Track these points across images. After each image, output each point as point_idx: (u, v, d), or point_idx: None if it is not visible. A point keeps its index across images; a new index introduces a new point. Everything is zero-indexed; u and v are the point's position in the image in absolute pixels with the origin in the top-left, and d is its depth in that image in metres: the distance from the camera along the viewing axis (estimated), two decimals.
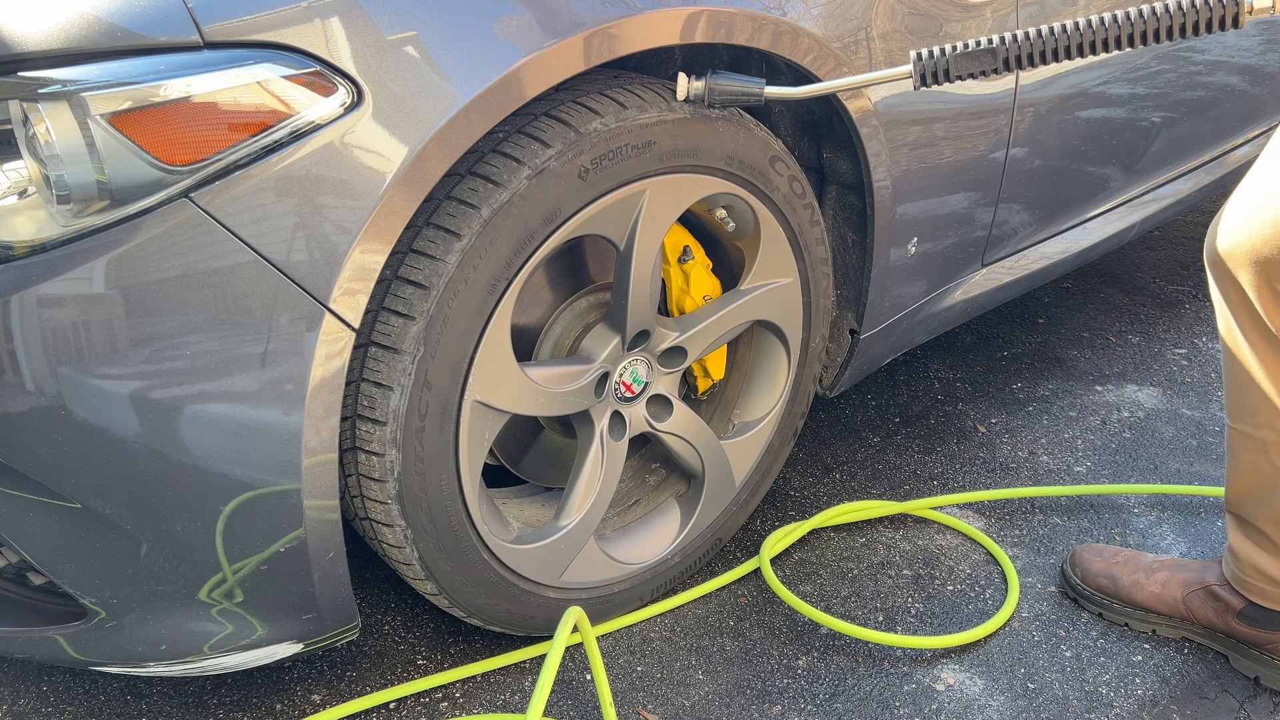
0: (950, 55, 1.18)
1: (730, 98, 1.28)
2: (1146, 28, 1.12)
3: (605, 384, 1.43)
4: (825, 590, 1.66)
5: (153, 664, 1.21)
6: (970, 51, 1.17)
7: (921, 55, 1.19)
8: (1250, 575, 1.45)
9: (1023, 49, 1.15)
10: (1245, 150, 2.55)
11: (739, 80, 1.28)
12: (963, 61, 1.18)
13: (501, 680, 1.48)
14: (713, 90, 1.27)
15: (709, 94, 1.27)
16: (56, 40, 0.95)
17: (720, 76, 1.28)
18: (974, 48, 1.17)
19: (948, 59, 1.18)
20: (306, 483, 1.12)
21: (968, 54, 1.17)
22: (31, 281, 0.98)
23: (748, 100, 1.28)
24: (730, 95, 1.28)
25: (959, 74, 1.18)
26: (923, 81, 1.20)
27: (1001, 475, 1.96)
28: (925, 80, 1.20)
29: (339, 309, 1.07)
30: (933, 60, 1.19)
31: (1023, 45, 1.15)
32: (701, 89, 1.27)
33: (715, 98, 1.27)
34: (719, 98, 1.27)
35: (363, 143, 1.04)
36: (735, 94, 1.28)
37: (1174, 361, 2.39)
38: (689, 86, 1.28)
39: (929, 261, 1.73)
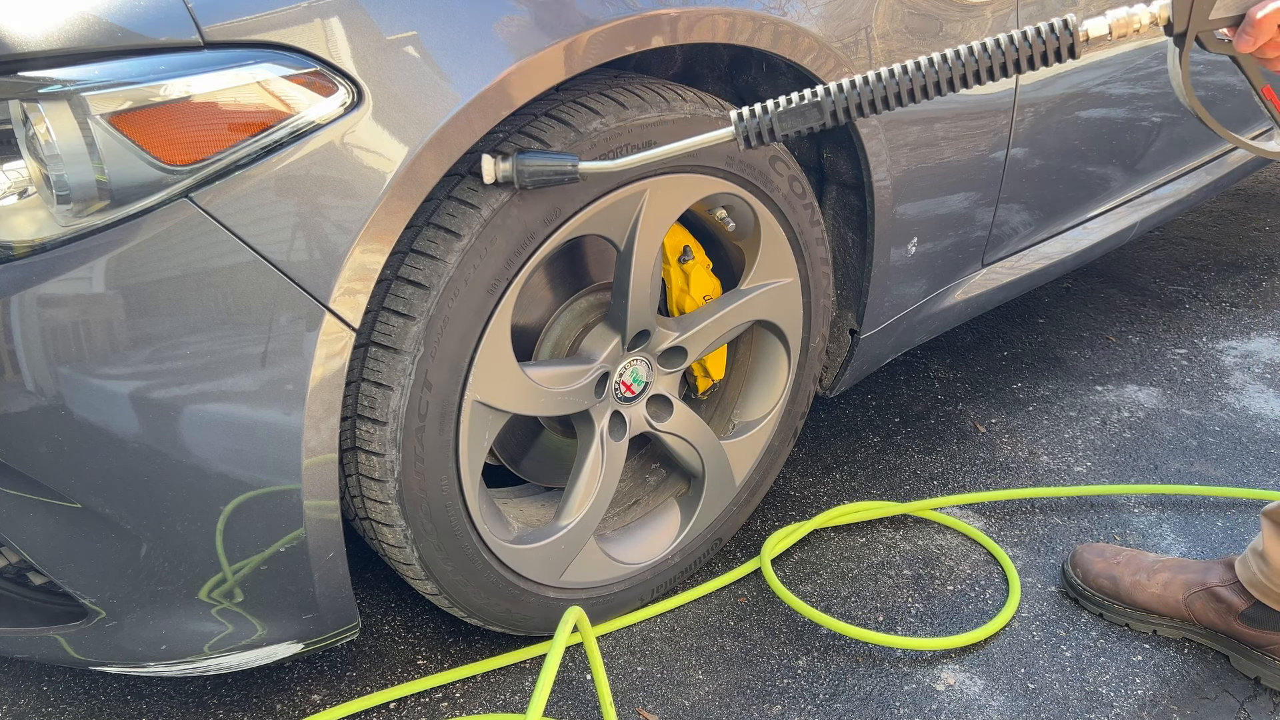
0: (774, 113, 1.12)
1: (541, 178, 1.18)
2: (979, 66, 1.07)
3: (605, 384, 1.43)
4: (825, 590, 1.66)
5: (153, 664, 1.21)
6: (795, 107, 1.11)
7: (743, 115, 1.13)
8: (1278, 583, 1.44)
9: (850, 99, 1.10)
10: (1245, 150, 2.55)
11: (549, 159, 1.18)
12: (787, 119, 1.12)
13: (501, 680, 1.48)
14: (521, 172, 1.17)
15: (517, 176, 1.17)
16: (56, 40, 0.95)
17: (528, 157, 1.18)
18: (798, 103, 1.11)
19: (770, 118, 1.12)
20: (306, 483, 1.12)
21: (792, 110, 1.12)
22: (31, 281, 0.98)
23: (560, 179, 1.18)
24: (540, 175, 1.17)
25: (784, 132, 1.13)
26: (746, 143, 1.14)
27: (1001, 475, 1.96)
28: (749, 142, 1.14)
29: (339, 309, 1.07)
30: (755, 120, 1.13)
31: (849, 95, 1.10)
32: (509, 170, 1.17)
33: (525, 179, 1.17)
34: (529, 179, 1.17)
35: (363, 143, 1.04)
36: (546, 173, 1.17)
37: (1174, 361, 2.39)
38: (496, 169, 1.18)
39: (929, 261, 1.73)
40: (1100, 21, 1.06)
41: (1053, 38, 1.06)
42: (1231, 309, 2.66)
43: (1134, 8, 1.06)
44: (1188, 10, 1.04)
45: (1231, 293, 2.75)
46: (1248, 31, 1.03)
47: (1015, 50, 1.07)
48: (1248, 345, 2.47)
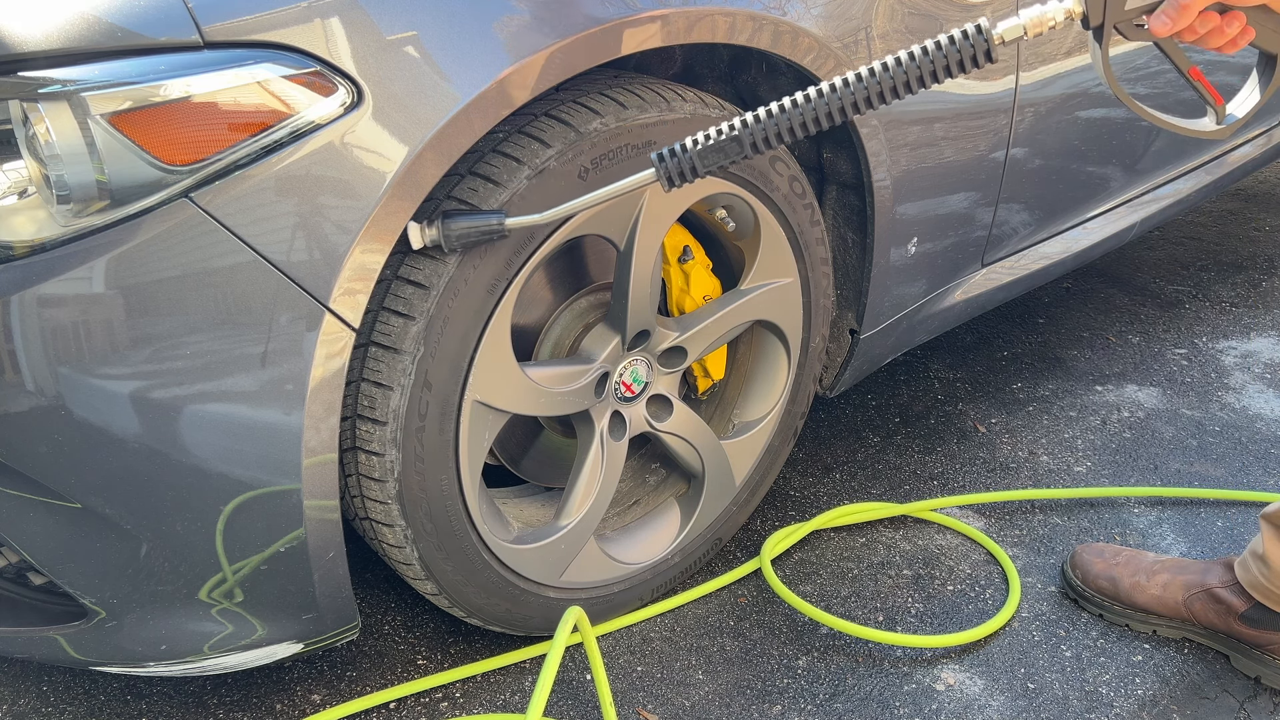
0: (694, 151, 1.11)
1: (469, 239, 1.16)
2: (896, 80, 1.06)
3: (605, 384, 1.43)
4: (825, 590, 1.66)
5: (153, 664, 1.21)
6: (714, 144, 1.11)
7: (663, 156, 1.13)
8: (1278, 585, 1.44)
9: (769, 129, 1.10)
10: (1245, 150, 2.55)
11: (475, 219, 1.16)
12: (708, 156, 1.11)
13: (501, 680, 1.48)
14: (448, 235, 1.15)
15: (445, 240, 1.15)
16: (56, 40, 0.95)
17: (454, 219, 1.16)
18: (716, 138, 1.11)
19: (691, 156, 1.12)
20: (306, 483, 1.12)
21: (711, 147, 1.11)
22: (31, 281, 0.98)
23: (489, 237, 1.17)
24: (468, 236, 1.16)
25: (707, 169, 1.12)
26: (669, 184, 1.13)
27: (1001, 475, 1.96)
28: (672, 182, 1.13)
29: (339, 309, 1.07)
30: (675, 160, 1.12)
31: (766, 125, 1.09)
32: (436, 235, 1.15)
33: (454, 242, 1.16)
34: (458, 241, 1.16)
35: (363, 143, 1.04)
36: (473, 234, 1.16)
37: (1174, 361, 2.39)
38: (423, 234, 1.16)
39: (929, 261, 1.73)
40: (1015, 22, 1.05)
41: (967, 44, 1.05)
42: (1231, 309, 2.66)
43: (1047, 5, 1.05)
44: (1102, 3, 1.04)
45: (1231, 293, 2.75)
46: (1167, 14, 1.03)
47: (931, 61, 1.06)
48: (1248, 345, 2.47)
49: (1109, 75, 1.08)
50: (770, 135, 1.10)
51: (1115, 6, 1.04)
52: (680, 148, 1.12)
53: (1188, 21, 1.03)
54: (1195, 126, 1.13)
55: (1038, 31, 1.05)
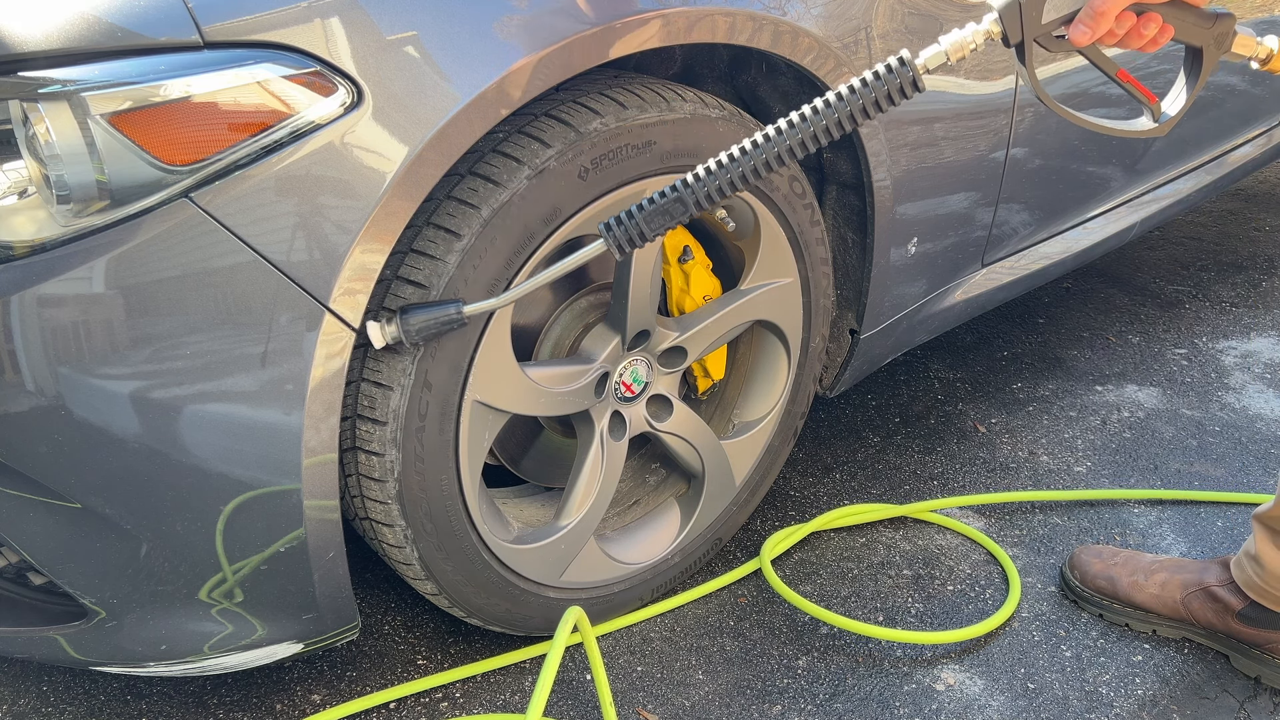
0: (639, 216, 1.13)
1: (430, 331, 1.17)
2: (828, 121, 1.07)
3: (605, 384, 1.43)
4: (825, 590, 1.66)
5: (153, 664, 1.21)
6: (659, 206, 1.12)
7: (610, 225, 1.14)
8: (1273, 585, 1.44)
9: (708, 186, 1.11)
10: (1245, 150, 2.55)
11: (433, 310, 1.16)
12: (654, 219, 1.12)
13: (501, 680, 1.48)
14: (408, 331, 1.16)
15: (406, 335, 1.16)
16: (56, 40, 0.95)
17: (411, 313, 1.16)
18: (660, 201, 1.12)
19: (638, 221, 1.13)
20: (306, 483, 1.12)
21: (656, 209, 1.12)
22: (31, 281, 0.98)
23: (449, 327, 1.18)
24: (428, 329, 1.17)
25: (655, 232, 1.13)
26: (620, 251, 1.15)
27: (1001, 475, 1.96)
28: (623, 249, 1.14)
29: (339, 309, 1.07)
30: (623, 227, 1.13)
31: (707, 181, 1.11)
32: (396, 332, 1.16)
33: (415, 337, 1.16)
34: (418, 335, 1.16)
35: (363, 143, 1.04)
36: (433, 325, 1.17)
37: (1174, 361, 2.39)
38: (383, 332, 1.16)
39: (929, 261, 1.73)
40: (936, 49, 1.07)
41: (892, 77, 1.06)
42: (1231, 309, 2.66)
43: (965, 29, 1.07)
44: (1018, 21, 1.05)
45: (1231, 293, 2.75)
46: (1085, 23, 1.03)
47: (859, 97, 1.07)
48: (1248, 345, 2.47)
49: (1038, 88, 1.10)
50: (711, 192, 1.11)
51: (1032, 22, 1.05)
52: (627, 215, 1.13)
53: (1106, 27, 1.04)
54: (1132, 127, 1.14)
55: (960, 56, 1.07)
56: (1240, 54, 1.10)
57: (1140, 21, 1.05)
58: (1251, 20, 2.24)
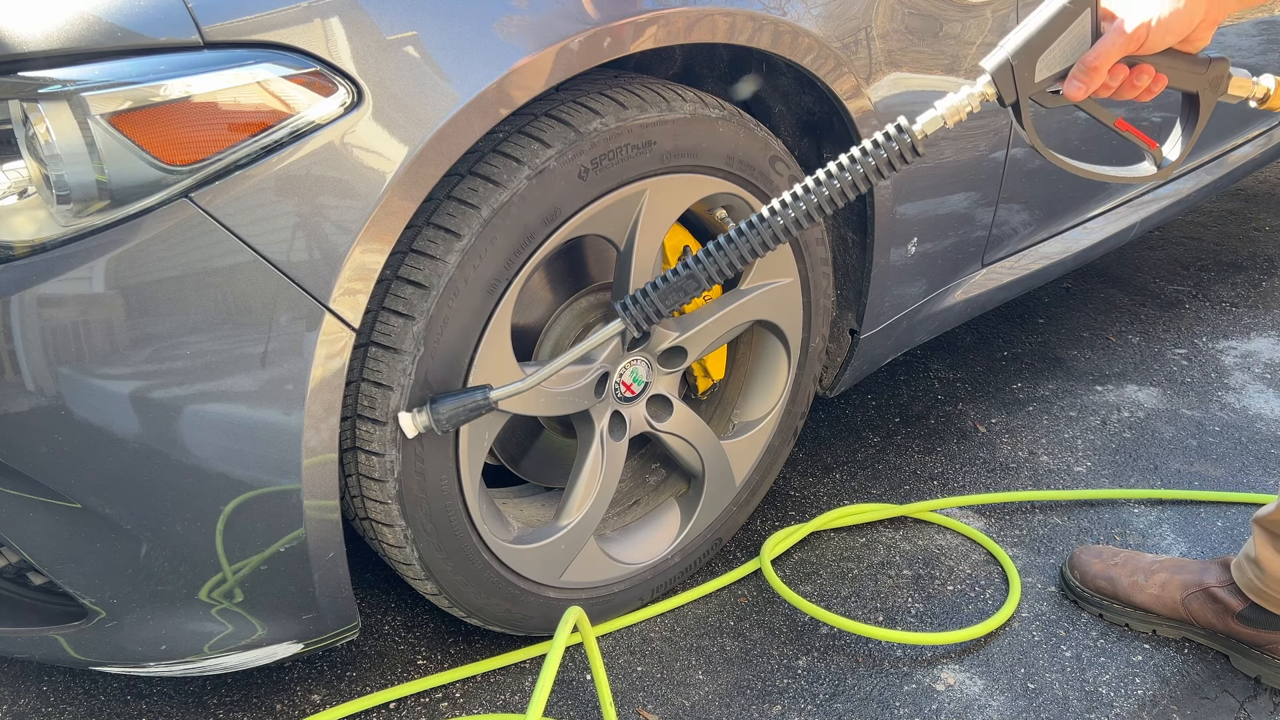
0: (654, 295, 1.16)
1: (460, 417, 1.20)
2: (831, 191, 1.09)
3: (605, 384, 1.43)
4: (825, 590, 1.66)
5: (153, 664, 1.21)
6: (672, 283, 1.15)
7: (626, 305, 1.17)
8: (1273, 588, 1.44)
9: (718, 261, 1.13)
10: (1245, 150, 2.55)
11: (461, 398, 1.20)
12: (669, 296, 1.16)
13: (501, 680, 1.48)
14: (438, 420, 1.19)
15: (436, 424, 1.19)
16: (56, 40, 0.95)
17: (441, 402, 1.19)
18: (673, 279, 1.15)
19: (653, 299, 1.16)
20: (306, 483, 1.12)
21: (670, 287, 1.15)
22: (31, 281, 0.98)
23: (478, 413, 1.21)
24: (458, 416, 1.20)
25: (671, 308, 1.16)
26: (638, 329, 1.18)
27: (1001, 475, 1.96)
28: (640, 327, 1.18)
29: (339, 309, 1.07)
30: (639, 306, 1.17)
31: (717, 257, 1.13)
32: (427, 421, 1.19)
33: (445, 425, 1.20)
34: (448, 423, 1.20)
35: (363, 143, 1.04)
36: (463, 412, 1.20)
37: (1174, 361, 2.39)
38: (414, 422, 1.20)
39: (929, 261, 1.73)
40: (933, 114, 1.08)
41: (891, 144, 1.08)
42: (1231, 309, 2.66)
43: (959, 93, 1.08)
44: (1012, 83, 1.06)
45: (1231, 293, 2.75)
46: (1079, 78, 1.05)
47: (860, 167, 1.09)
48: (1248, 345, 2.47)
49: (1037, 144, 1.12)
50: (723, 265, 1.14)
51: (1025, 82, 1.07)
52: (641, 294, 1.17)
53: (1099, 82, 1.06)
54: (1135, 173, 1.17)
55: (957, 119, 1.08)
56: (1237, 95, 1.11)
57: (1133, 73, 1.06)
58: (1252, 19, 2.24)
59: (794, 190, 1.11)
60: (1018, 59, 1.05)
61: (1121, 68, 1.06)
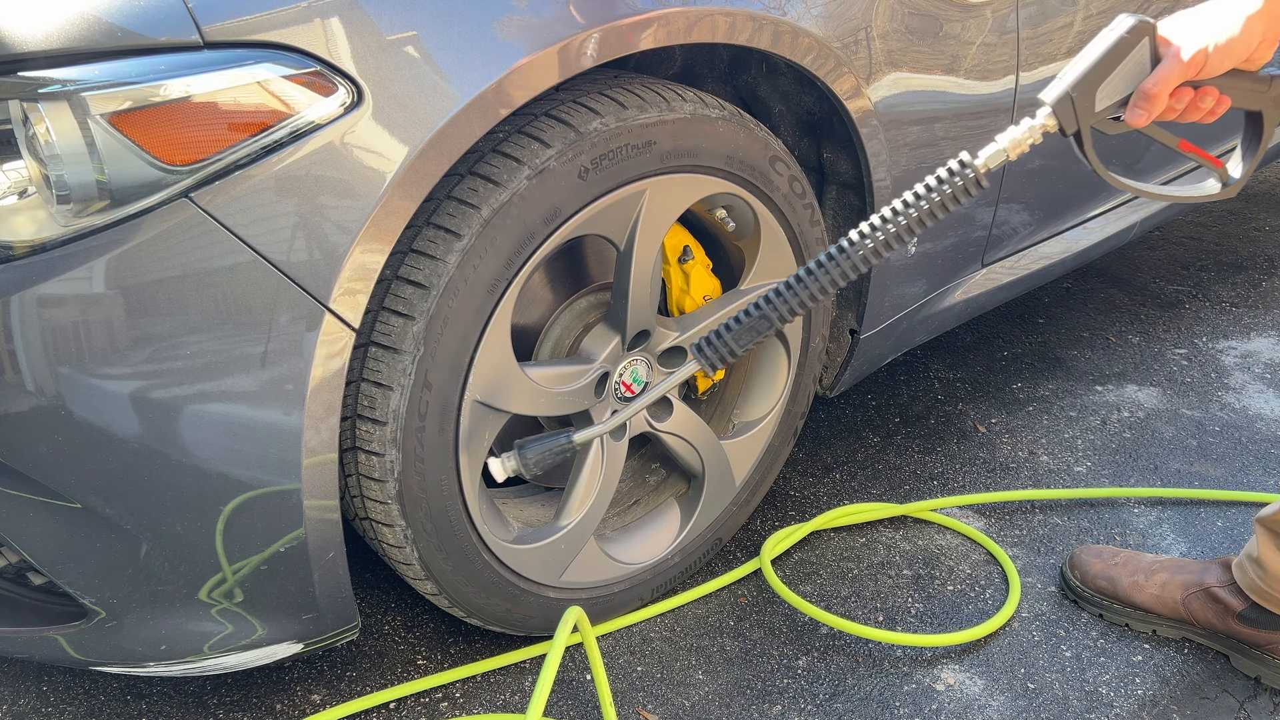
0: (728, 336, 1.17)
1: (547, 461, 1.28)
2: (898, 228, 1.10)
3: (605, 384, 1.43)
4: (825, 590, 1.66)
5: (153, 664, 1.21)
6: (745, 325, 1.17)
7: (702, 347, 1.19)
8: (1276, 589, 1.44)
9: (790, 300, 1.14)
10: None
11: (548, 442, 1.28)
12: (743, 336, 1.17)
13: (501, 680, 1.48)
14: (526, 465, 1.28)
15: (525, 468, 1.28)
16: (56, 40, 0.95)
17: (528, 448, 1.28)
18: (746, 320, 1.16)
19: (727, 340, 1.18)
20: (306, 483, 1.12)
21: (743, 328, 1.17)
22: (31, 281, 0.98)
23: (564, 456, 1.29)
24: (545, 460, 1.28)
25: (745, 347, 1.17)
26: (712, 368, 1.19)
27: (1001, 475, 1.96)
28: (714, 367, 1.19)
29: (339, 309, 1.07)
30: (713, 348, 1.18)
31: (789, 297, 1.14)
32: (515, 465, 1.28)
33: (533, 469, 1.28)
34: (535, 467, 1.28)
35: (363, 143, 1.04)
36: (550, 456, 1.28)
37: (1174, 361, 2.39)
38: (504, 468, 1.28)
39: (929, 261, 1.73)
40: (996, 148, 1.08)
41: (955, 179, 1.08)
42: (1231, 309, 2.66)
43: (1020, 125, 1.09)
44: (1073, 113, 1.07)
45: (1231, 293, 2.75)
46: (1140, 106, 1.05)
47: (925, 203, 1.09)
48: (1248, 345, 2.47)
49: (1099, 169, 1.12)
50: (794, 305, 1.15)
51: (1086, 112, 1.07)
52: (715, 335, 1.19)
53: (1160, 108, 1.06)
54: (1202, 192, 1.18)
55: (1020, 152, 1.09)
56: None
57: (1197, 95, 1.06)
58: None
59: (860, 229, 1.11)
60: (1077, 90, 1.05)
61: (1185, 91, 1.06)
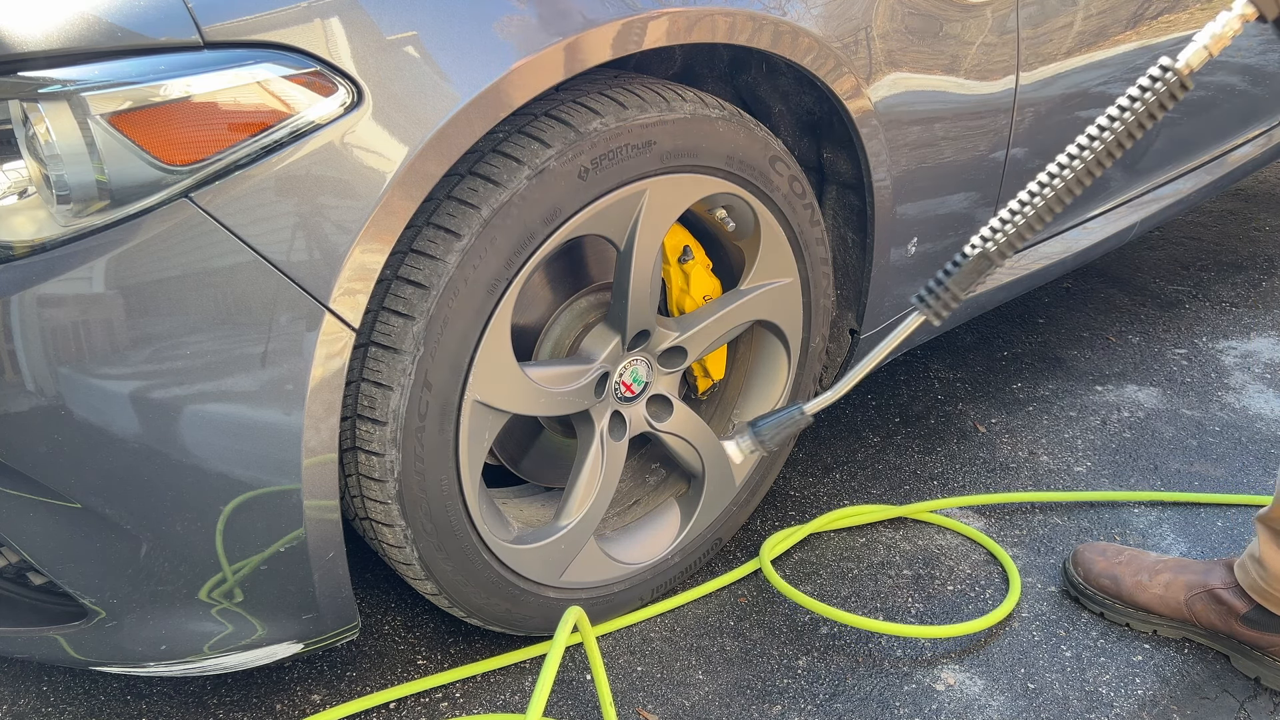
0: (948, 281, 1.17)
1: (781, 436, 1.33)
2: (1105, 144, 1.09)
3: (605, 384, 1.43)
4: (825, 590, 1.66)
5: (153, 664, 1.21)
6: (965, 267, 1.16)
7: (924, 297, 1.19)
8: (1277, 588, 1.44)
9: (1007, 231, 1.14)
10: (1245, 150, 2.55)
11: (779, 417, 1.33)
12: (963, 279, 1.17)
13: (501, 680, 1.48)
14: (763, 441, 1.32)
15: (762, 445, 1.33)
16: (56, 40, 0.95)
17: (761, 426, 1.32)
18: (963, 260, 1.16)
19: (948, 286, 1.17)
20: (306, 483, 1.12)
21: (963, 271, 1.16)
22: (31, 281, 0.98)
23: (798, 429, 1.33)
24: (779, 435, 1.33)
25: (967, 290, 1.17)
26: (939, 318, 1.20)
27: (1001, 475, 1.96)
28: (941, 316, 1.20)
29: (339, 309, 1.07)
30: (934, 295, 1.18)
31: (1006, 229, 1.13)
32: (751, 445, 1.33)
33: (770, 445, 1.33)
34: (772, 443, 1.32)
35: (363, 143, 1.04)
36: (784, 431, 1.33)
37: (1174, 361, 2.39)
38: (740, 448, 1.34)
39: (929, 261, 1.73)
40: (1196, 47, 1.07)
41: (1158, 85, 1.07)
42: (1231, 309, 2.66)
43: (1217, 20, 1.07)
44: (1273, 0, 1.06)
45: (1231, 293, 2.75)
46: None
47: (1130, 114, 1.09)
48: (1248, 345, 2.47)
49: None
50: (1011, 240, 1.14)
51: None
52: (935, 283, 1.18)
53: None
54: None
55: (1221, 46, 1.07)
56: None
57: None
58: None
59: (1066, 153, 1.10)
60: None
61: None
